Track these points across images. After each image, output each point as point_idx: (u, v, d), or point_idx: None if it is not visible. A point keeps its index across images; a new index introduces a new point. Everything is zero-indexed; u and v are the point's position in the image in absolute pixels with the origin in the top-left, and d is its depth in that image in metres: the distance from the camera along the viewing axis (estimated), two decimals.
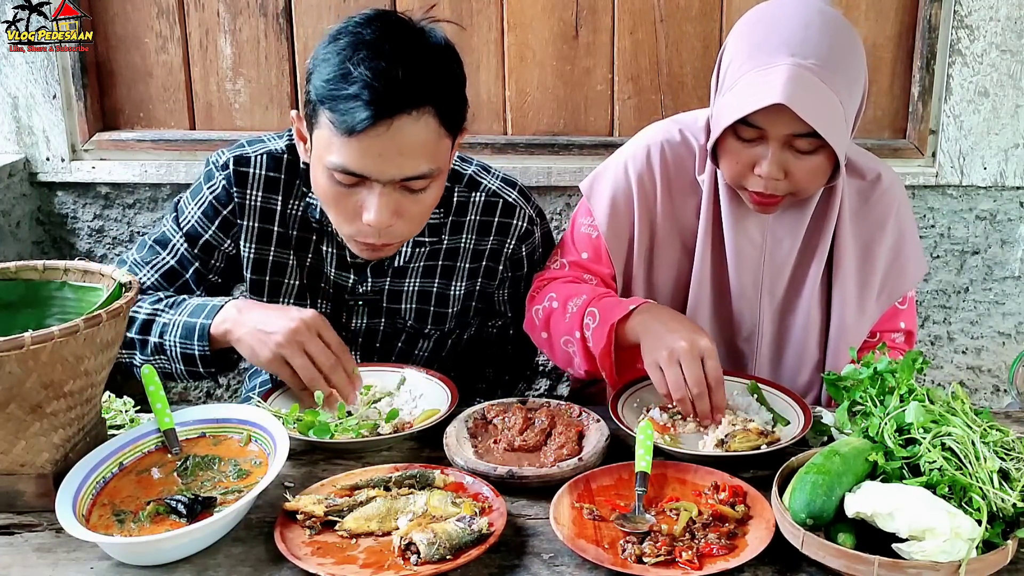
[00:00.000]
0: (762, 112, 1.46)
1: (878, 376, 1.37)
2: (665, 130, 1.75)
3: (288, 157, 1.68)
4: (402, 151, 1.44)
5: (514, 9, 2.46)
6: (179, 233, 1.71)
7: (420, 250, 1.73)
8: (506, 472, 1.35)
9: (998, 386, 2.71)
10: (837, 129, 1.47)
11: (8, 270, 1.38)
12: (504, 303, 1.86)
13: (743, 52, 1.52)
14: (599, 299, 1.65)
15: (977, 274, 2.60)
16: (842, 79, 1.48)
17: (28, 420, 1.23)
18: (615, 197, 1.73)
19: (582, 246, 1.78)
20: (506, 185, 1.77)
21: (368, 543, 1.23)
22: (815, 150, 1.51)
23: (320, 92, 1.44)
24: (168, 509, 1.25)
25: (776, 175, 1.52)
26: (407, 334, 1.81)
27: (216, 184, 1.68)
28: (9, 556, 1.22)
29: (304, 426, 1.48)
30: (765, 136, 1.51)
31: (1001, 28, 2.38)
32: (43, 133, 2.53)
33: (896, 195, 1.73)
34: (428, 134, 1.46)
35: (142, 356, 1.62)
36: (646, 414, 1.56)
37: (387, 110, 1.41)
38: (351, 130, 1.41)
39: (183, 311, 1.59)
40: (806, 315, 1.72)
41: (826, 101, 1.46)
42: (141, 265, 1.71)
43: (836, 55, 1.48)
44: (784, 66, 1.45)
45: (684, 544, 1.21)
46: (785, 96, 1.43)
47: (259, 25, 2.49)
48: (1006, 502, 1.16)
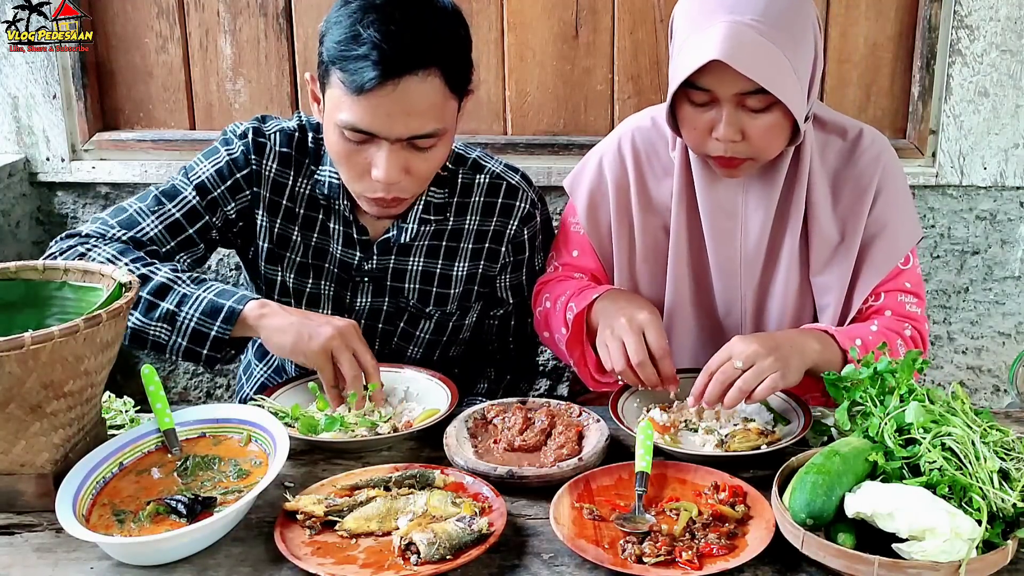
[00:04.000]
0: (707, 73, 1.47)
1: (878, 376, 1.37)
2: (636, 119, 1.80)
3: (299, 135, 1.75)
4: (409, 110, 1.51)
5: (514, 9, 2.46)
6: (190, 186, 1.71)
7: (425, 228, 1.77)
8: (506, 472, 1.35)
9: (998, 386, 2.71)
10: (785, 83, 1.47)
11: (8, 270, 1.38)
12: (506, 290, 1.89)
13: (687, 17, 1.54)
14: (578, 292, 1.70)
15: (977, 274, 2.60)
16: (786, 35, 1.47)
17: (28, 420, 1.23)
18: (591, 192, 1.78)
19: (572, 244, 1.83)
20: (509, 170, 1.84)
21: (368, 543, 1.23)
22: (767, 108, 1.51)
23: (331, 53, 1.52)
24: (168, 509, 1.25)
25: (732, 136, 1.52)
26: (409, 314, 1.84)
27: (235, 148, 1.73)
28: (9, 556, 1.22)
29: (305, 426, 1.48)
30: (716, 99, 1.51)
31: (1001, 28, 2.38)
32: (43, 133, 2.53)
33: (881, 154, 1.70)
34: (435, 94, 1.52)
35: (141, 318, 1.58)
36: (646, 414, 1.56)
37: (394, 70, 1.47)
38: (360, 89, 1.48)
39: (209, 289, 1.59)
40: (783, 287, 1.70)
41: (768, 55, 1.46)
42: (145, 214, 1.69)
43: (776, 11, 1.47)
44: (721, 24, 1.46)
45: (684, 544, 1.21)
46: (721, 52, 1.43)
47: (259, 25, 2.49)
48: (1006, 502, 1.16)
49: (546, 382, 2.75)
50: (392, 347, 1.86)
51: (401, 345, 1.86)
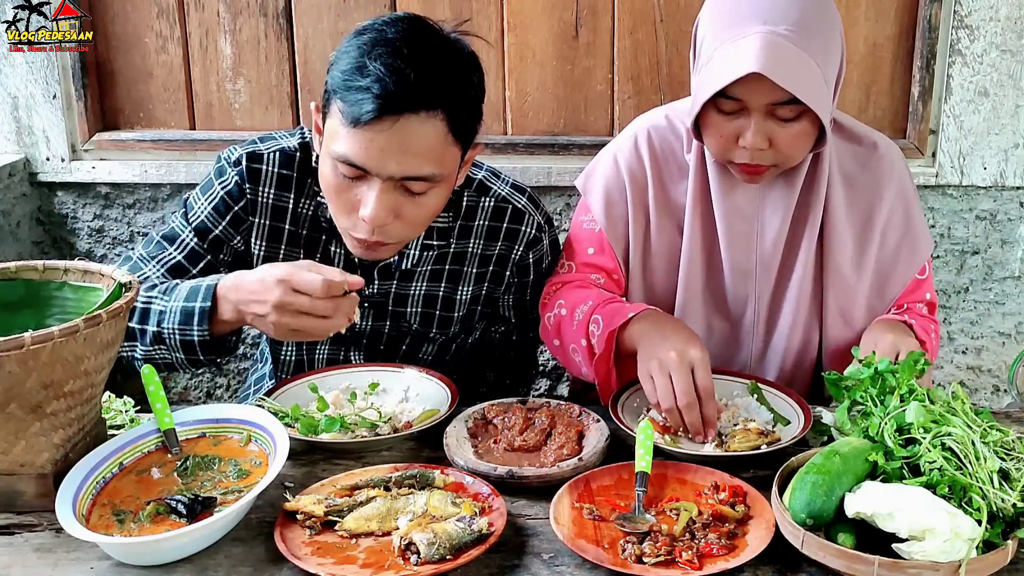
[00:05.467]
0: (740, 83, 1.46)
1: (879, 376, 1.37)
2: (651, 117, 1.78)
3: (301, 155, 1.68)
4: (405, 149, 1.45)
5: (514, 9, 2.46)
6: (188, 228, 1.69)
7: (428, 254, 1.73)
8: (506, 472, 1.35)
9: (998, 386, 2.71)
10: (818, 93, 1.47)
11: (8, 270, 1.38)
12: (509, 308, 1.86)
13: (715, 25, 1.52)
14: (604, 305, 1.64)
15: (977, 274, 2.60)
16: (817, 43, 1.47)
17: (28, 420, 1.23)
18: (608, 188, 1.75)
19: (587, 242, 1.78)
20: (516, 191, 1.77)
21: (368, 543, 1.23)
22: (797, 116, 1.50)
23: (335, 82, 1.47)
24: (168, 509, 1.25)
25: (760, 145, 1.51)
26: (412, 337, 1.81)
27: (228, 180, 1.67)
28: (9, 556, 1.22)
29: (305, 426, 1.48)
30: (746, 107, 1.50)
31: (1001, 28, 2.38)
32: (43, 133, 2.53)
33: (895, 162, 1.72)
34: (435, 137, 1.46)
35: (143, 347, 1.57)
36: (646, 414, 1.56)
37: (395, 106, 1.42)
38: (356, 120, 1.43)
39: (178, 296, 1.54)
40: (798, 290, 1.70)
41: (803, 66, 1.45)
42: (147, 260, 1.69)
43: (808, 19, 1.47)
44: (756, 34, 1.45)
45: (684, 544, 1.21)
46: (760, 64, 1.42)
47: (259, 25, 2.49)
48: (1006, 502, 1.16)
49: (546, 382, 2.75)
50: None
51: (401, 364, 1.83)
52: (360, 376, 1.67)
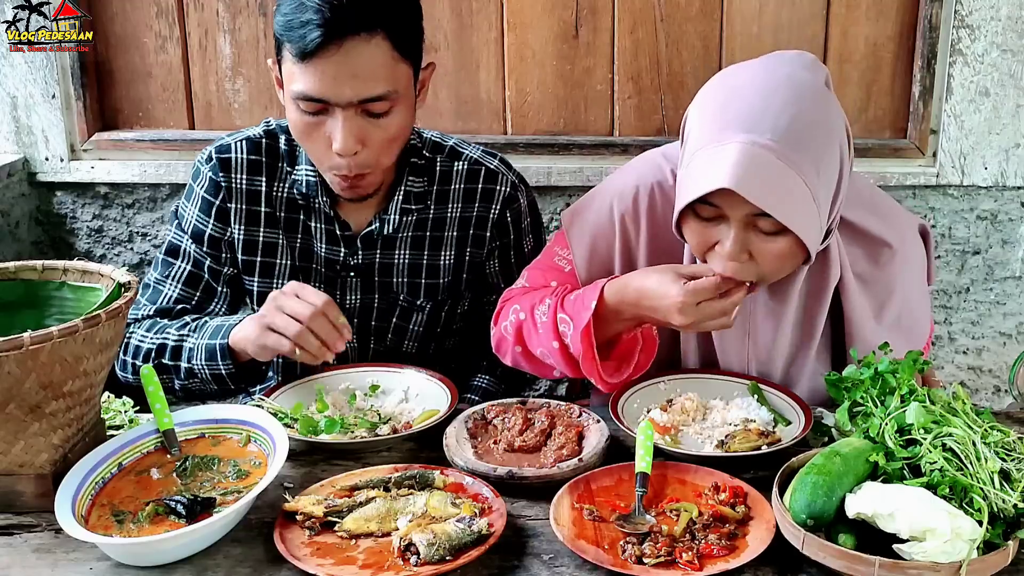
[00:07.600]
0: (717, 192, 1.35)
1: (879, 376, 1.37)
2: (658, 169, 1.64)
3: (267, 141, 1.78)
4: (355, 73, 1.53)
5: (514, 9, 2.46)
6: (185, 236, 1.79)
7: (407, 219, 1.79)
8: (506, 473, 1.35)
9: (999, 386, 2.70)
10: (798, 212, 1.35)
11: (7, 270, 1.38)
12: (496, 275, 1.89)
13: (703, 123, 1.41)
14: (563, 303, 1.58)
15: (978, 274, 2.60)
16: (807, 156, 1.35)
17: (27, 420, 1.23)
18: (595, 238, 1.65)
19: (551, 275, 1.68)
20: (487, 155, 1.86)
21: (368, 544, 1.23)
22: (780, 232, 1.38)
23: (279, 27, 1.56)
24: (167, 510, 1.25)
25: (737, 256, 1.41)
26: (401, 308, 1.85)
27: (203, 178, 1.78)
28: (8, 556, 1.21)
29: (305, 426, 1.48)
30: (725, 216, 1.40)
31: (1002, 28, 2.38)
32: (42, 133, 2.52)
33: (909, 258, 1.62)
34: (381, 56, 1.55)
35: (180, 381, 1.70)
36: (646, 414, 1.55)
37: (336, 32, 1.50)
38: (304, 52, 1.51)
39: (204, 333, 1.67)
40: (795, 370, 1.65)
41: (783, 182, 1.33)
42: (162, 281, 1.79)
43: (799, 130, 1.34)
44: (736, 144, 1.33)
45: (684, 545, 1.20)
46: (733, 180, 1.32)
47: (259, 25, 2.49)
48: (1007, 503, 1.16)
49: (546, 382, 2.75)
50: (387, 343, 1.86)
51: (395, 340, 1.87)
52: (360, 376, 1.67)
